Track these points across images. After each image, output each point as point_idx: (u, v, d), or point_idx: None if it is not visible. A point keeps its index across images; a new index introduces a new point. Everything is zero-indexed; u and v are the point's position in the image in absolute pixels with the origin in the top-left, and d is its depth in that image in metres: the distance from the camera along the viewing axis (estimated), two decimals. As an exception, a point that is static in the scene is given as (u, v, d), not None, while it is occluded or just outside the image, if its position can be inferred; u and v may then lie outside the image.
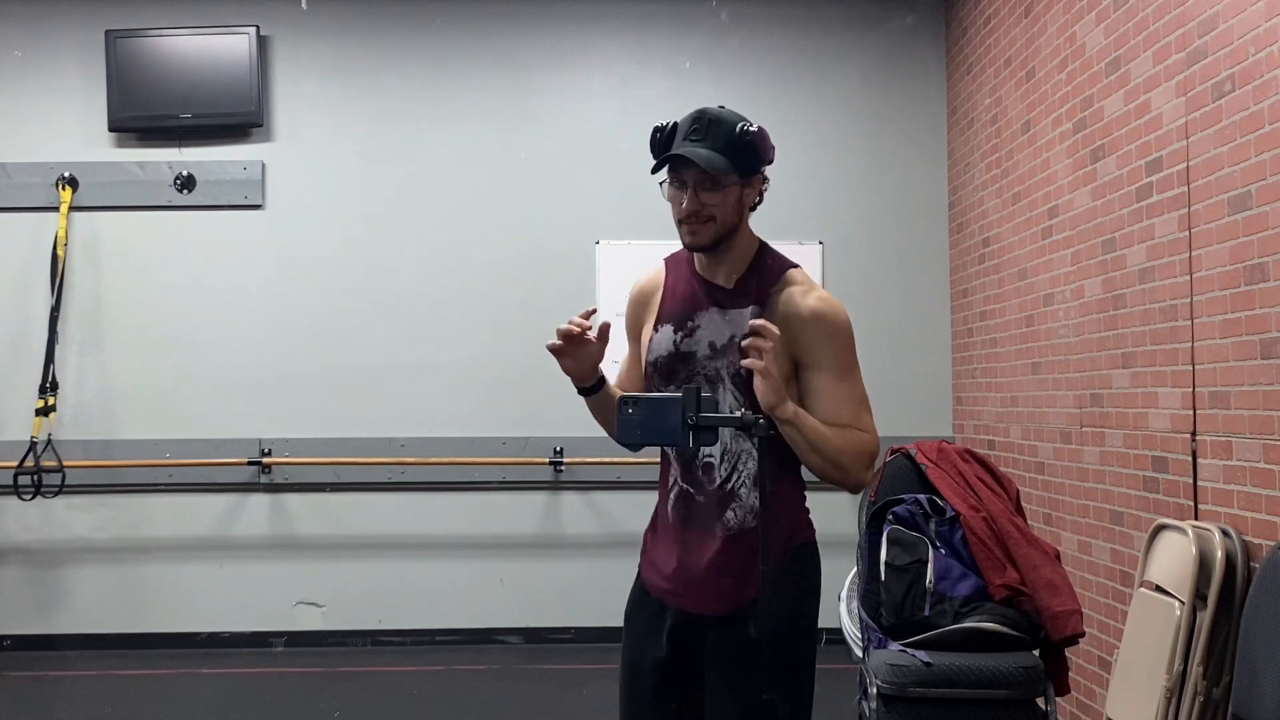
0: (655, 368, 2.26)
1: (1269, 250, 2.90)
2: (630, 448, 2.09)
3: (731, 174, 2.18)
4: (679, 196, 2.18)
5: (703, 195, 2.17)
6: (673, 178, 2.19)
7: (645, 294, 2.35)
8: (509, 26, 5.81)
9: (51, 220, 5.65)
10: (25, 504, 5.45)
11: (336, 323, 5.71)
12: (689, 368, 2.22)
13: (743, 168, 2.20)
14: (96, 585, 5.65)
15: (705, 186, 2.17)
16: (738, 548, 2.21)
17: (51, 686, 5.15)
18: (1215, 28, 3.17)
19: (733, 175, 2.18)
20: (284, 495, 5.70)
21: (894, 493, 3.64)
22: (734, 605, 2.21)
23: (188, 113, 5.64)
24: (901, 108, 5.83)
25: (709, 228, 2.19)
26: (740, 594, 2.20)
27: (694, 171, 2.16)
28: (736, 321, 2.20)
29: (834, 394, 2.19)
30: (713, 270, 2.27)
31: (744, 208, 2.25)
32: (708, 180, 2.16)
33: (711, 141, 2.15)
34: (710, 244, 2.21)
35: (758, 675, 2.12)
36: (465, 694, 4.97)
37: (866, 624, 3.46)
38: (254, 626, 5.65)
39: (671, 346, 2.25)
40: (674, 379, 2.22)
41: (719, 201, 2.19)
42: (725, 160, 2.15)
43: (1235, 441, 3.05)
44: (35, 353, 5.52)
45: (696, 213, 2.17)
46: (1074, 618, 3.26)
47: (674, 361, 2.24)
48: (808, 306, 2.22)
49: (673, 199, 2.20)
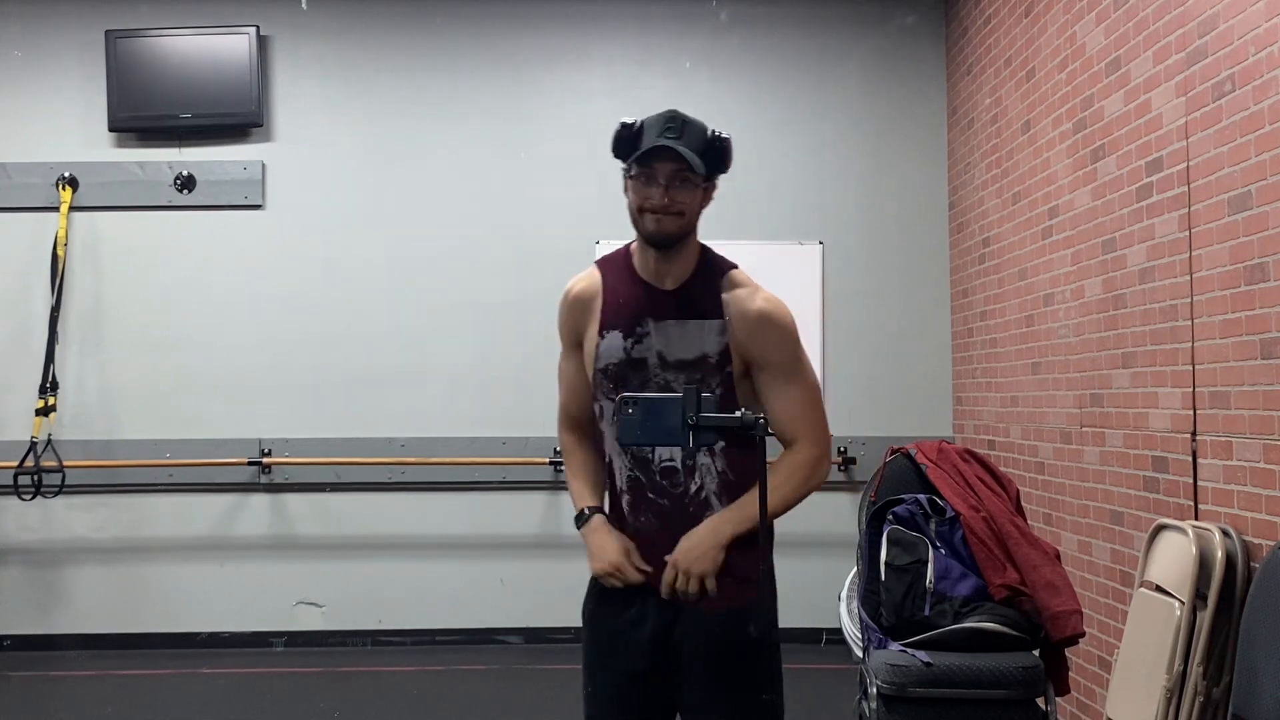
0: (606, 374, 2.26)
1: (1269, 250, 2.90)
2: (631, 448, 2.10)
3: (702, 175, 2.21)
4: (648, 190, 2.19)
5: (674, 191, 2.18)
6: (643, 171, 2.19)
7: (584, 298, 2.33)
8: (509, 26, 5.81)
9: (51, 220, 5.65)
10: (25, 504, 5.44)
11: (336, 323, 5.71)
12: (641, 375, 2.24)
13: (710, 171, 2.23)
14: (96, 585, 5.65)
15: (678, 183, 2.19)
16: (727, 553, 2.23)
17: (51, 686, 5.15)
18: (1215, 28, 3.17)
19: (701, 175, 2.21)
20: (284, 495, 5.70)
21: (894, 493, 3.64)
22: (724, 604, 2.22)
23: (188, 113, 5.64)
24: (901, 108, 5.83)
25: (676, 222, 2.20)
26: (736, 594, 2.21)
27: (670, 167, 2.17)
28: (693, 335, 2.23)
29: (784, 395, 2.27)
30: (658, 273, 2.27)
31: (702, 209, 2.27)
32: (681, 177, 2.18)
33: (687, 141, 2.18)
34: (675, 238, 2.22)
35: (748, 675, 2.14)
36: (465, 694, 4.97)
37: (866, 624, 3.46)
38: (254, 626, 5.65)
39: (623, 354, 2.25)
40: (626, 386, 2.23)
41: (688, 199, 2.21)
42: (700, 160, 2.18)
43: (1235, 441, 3.05)
44: (35, 353, 5.52)
45: (667, 206, 2.19)
46: (1074, 618, 3.26)
47: (626, 369, 2.25)
48: (755, 308, 2.26)
49: (639, 191, 2.20)
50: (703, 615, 2.21)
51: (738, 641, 2.20)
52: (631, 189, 2.22)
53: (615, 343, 2.26)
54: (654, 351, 2.24)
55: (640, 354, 2.24)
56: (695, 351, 2.22)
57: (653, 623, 2.24)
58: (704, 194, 2.25)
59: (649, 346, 2.24)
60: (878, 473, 3.77)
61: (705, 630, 2.22)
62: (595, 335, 2.28)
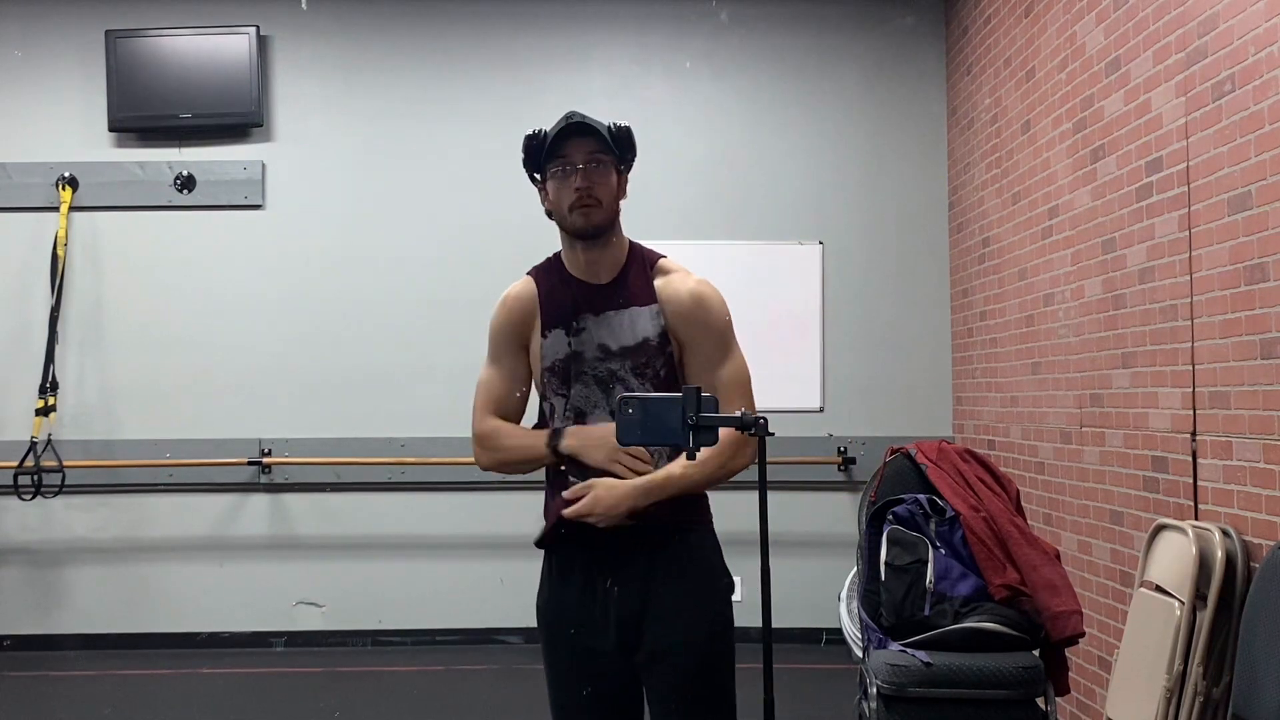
0: (553, 372, 2.31)
1: (1269, 250, 2.90)
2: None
3: (613, 154, 2.27)
4: (567, 182, 2.25)
5: (591, 173, 2.24)
6: (558, 166, 2.26)
7: (524, 300, 2.37)
8: (509, 26, 5.81)
9: (51, 220, 5.65)
10: (25, 504, 5.44)
11: (337, 322, 5.71)
12: (579, 367, 2.28)
13: (620, 154, 2.30)
14: (96, 585, 5.65)
15: (594, 165, 2.25)
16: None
17: (51, 686, 5.15)
18: (1215, 28, 3.17)
19: (613, 157, 2.28)
20: (284, 495, 5.70)
21: (894, 493, 3.64)
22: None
23: (188, 113, 5.64)
24: (901, 108, 5.83)
25: (599, 210, 2.26)
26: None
27: (584, 150, 2.24)
28: (630, 322, 2.28)
29: (713, 375, 2.28)
30: (590, 269, 2.32)
31: (619, 199, 2.32)
32: (596, 160, 2.25)
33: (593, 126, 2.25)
34: (601, 226, 2.27)
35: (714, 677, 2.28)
36: (465, 694, 4.98)
37: (866, 624, 3.46)
38: (254, 626, 5.65)
39: (566, 349, 2.29)
40: (569, 381, 2.28)
41: (605, 182, 2.26)
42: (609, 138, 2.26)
43: (1235, 441, 3.05)
44: (35, 353, 5.52)
45: (589, 189, 2.24)
46: (1074, 618, 3.26)
47: (569, 363, 2.29)
48: (688, 289, 2.31)
49: (560, 187, 2.26)
50: (667, 614, 2.25)
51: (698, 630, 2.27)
52: (551, 190, 2.28)
53: (559, 340, 2.31)
54: (595, 344, 2.29)
55: (581, 347, 2.29)
56: (636, 338, 2.27)
57: (614, 629, 2.26)
58: (619, 182, 2.31)
59: (590, 339, 2.29)
60: (878, 473, 3.77)
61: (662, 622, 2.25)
62: (539, 336, 2.33)
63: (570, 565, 2.30)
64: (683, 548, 2.29)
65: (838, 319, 5.74)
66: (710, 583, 2.31)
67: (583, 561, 2.28)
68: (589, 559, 2.27)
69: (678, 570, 2.27)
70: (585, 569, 2.28)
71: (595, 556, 2.26)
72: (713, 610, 2.30)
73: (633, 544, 2.24)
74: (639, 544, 2.24)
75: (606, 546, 2.24)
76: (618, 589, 2.25)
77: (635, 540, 2.24)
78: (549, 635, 2.34)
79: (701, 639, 2.27)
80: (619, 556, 2.25)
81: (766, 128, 5.75)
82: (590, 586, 2.27)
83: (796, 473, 5.59)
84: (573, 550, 2.29)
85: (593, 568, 2.27)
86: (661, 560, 2.26)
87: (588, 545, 2.25)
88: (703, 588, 2.29)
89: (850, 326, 5.74)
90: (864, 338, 5.76)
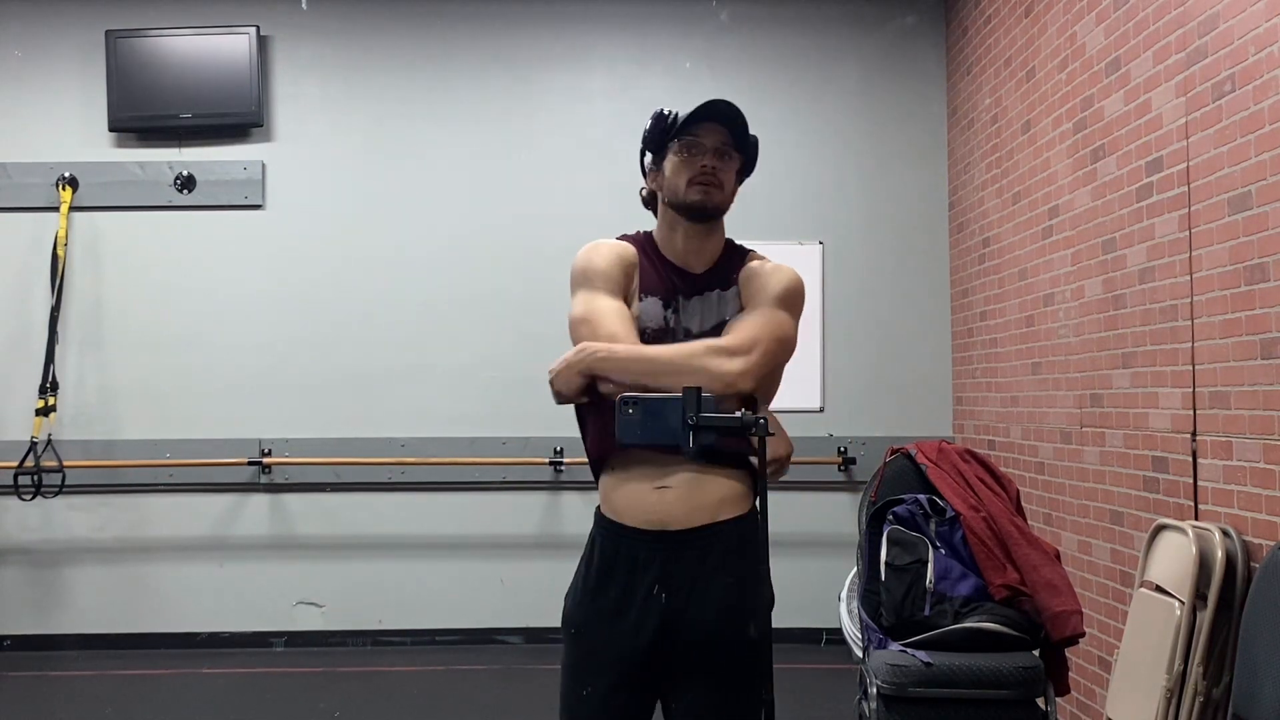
0: (644, 336, 2.23)
1: (1269, 250, 2.90)
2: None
3: (742, 155, 2.26)
4: (693, 159, 2.20)
5: (719, 160, 2.21)
6: (688, 144, 2.21)
7: (627, 258, 2.28)
8: (509, 26, 5.81)
9: (51, 220, 5.65)
10: (25, 504, 5.44)
11: (336, 323, 5.71)
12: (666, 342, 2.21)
13: (746, 159, 2.29)
14: (96, 585, 5.65)
15: (723, 153, 2.22)
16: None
17: (51, 686, 5.15)
18: (1215, 28, 3.17)
19: (742, 157, 2.26)
20: (284, 495, 5.70)
21: (894, 493, 3.64)
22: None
23: (188, 113, 5.64)
24: (901, 108, 5.84)
25: (719, 194, 2.22)
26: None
27: (717, 137, 2.21)
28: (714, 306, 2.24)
29: (742, 317, 2.20)
30: (686, 255, 2.27)
31: (732, 199, 2.29)
32: (725, 151, 2.22)
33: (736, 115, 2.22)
34: (718, 208, 2.24)
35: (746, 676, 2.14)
36: (465, 694, 4.97)
37: (866, 624, 3.46)
38: (254, 626, 5.65)
39: (661, 321, 2.24)
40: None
41: (730, 171, 2.24)
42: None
43: (1235, 441, 3.05)
44: (35, 353, 5.52)
45: (716, 170, 2.20)
46: (1074, 618, 3.26)
47: (662, 335, 2.23)
48: (773, 266, 2.30)
49: (684, 163, 2.21)
50: (701, 615, 2.15)
51: (736, 641, 2.15)
52: (673, 165, 2.22)
53: (655, 309, 2.24)
54: (682, 328, 2.24)
55: (674, 324, 2.24)
56: (716, 319, 2.23)
57: (650, 628, 2.16)
58: (737, 181, 2.28)
59: (681, 320, 2.24)
60: (878, 473, 3.77)
61: (703, 630, 2.15)
62: (635, 297, 2.25)
63: (613, 562, 2.19)
64: (729, 554, 2.17)
65: (838, 319, 5.74)
66: (753, 598, 2.16)
67: (626, 559, 2.18)
68: (633, 556, 2.17)
69: (724, 579, 2.15)
70: (629, 568, 2.17)
71: (641, 555, 2.16)
72: (757, 628, 2.14)
73: (680, 545, 2.15)
74: (687, 546, 2.15)
75: (653, 545, 2.15)
76: (664, 595, 2.14)
77: (683, 543, 2.15)
78: (574, 631, 2.24)
79: (740, 660, 2.15)
80: (666, 559, 2.15)
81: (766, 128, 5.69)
82: (631, 588, 2.17)
83: (796, 473, 5.52)
84: (618, 545, 2.19)
85: (638, 568, 2.16)
86: (710, 567, 2.15)
87: (630, 540, 2.17)
88: (745, 604, 2.16)
89: (850, 327, 5.74)
90: (864, 338, 5.77)
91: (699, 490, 2.16)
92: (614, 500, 2.22)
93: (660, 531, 2.16)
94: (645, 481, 2.16)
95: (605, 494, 2.25)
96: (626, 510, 2.19)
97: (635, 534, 2.18)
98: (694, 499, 2.16)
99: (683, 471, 2.14)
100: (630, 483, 2.18)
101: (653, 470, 2.15)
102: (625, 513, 2.19)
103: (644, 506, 2.17)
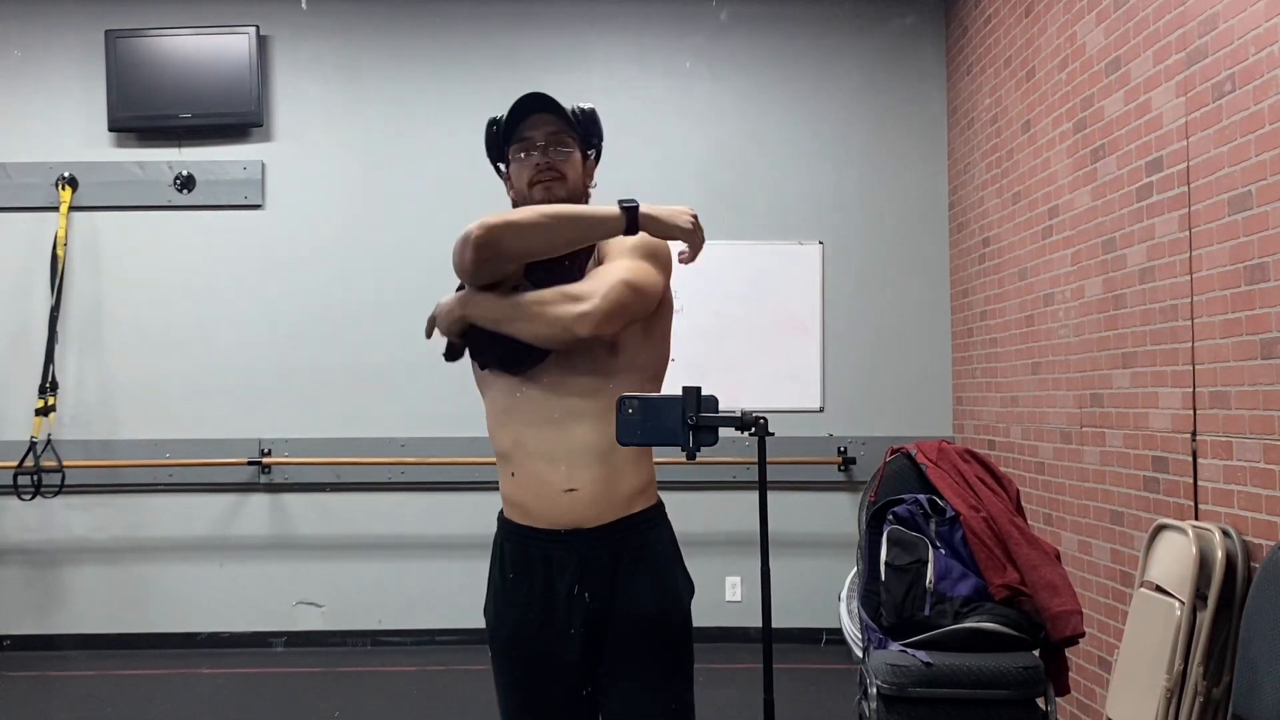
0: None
1: (1269, 250, 2.90)
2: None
3: (576, 135, 2.21)
4: (528, 161, 2.18)
5: (553, 154, 2.18)
6: (519, 147, 2.20)
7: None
8: (509, 26, 5.81)
9: (51, 220, 5.65)
10: (25, 504, 5.45)
11: (336, 322, 5.71)
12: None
13: (585, 135, 2.24)
14: (96, 585, 5.65)
15: (555, 143, 2.19)
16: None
17: (51, 686, 5.15)
18: (1215, 28, 3.17)
19: (577, 137, 2.22)
20: (284, 495, 5.70)
21: (894, 493, 3.64)
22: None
23: (188, 113, 5.64)
24: (901, 108, 5.83)
25: (562, 185, 2.18)
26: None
27: (545, 129, 2.19)
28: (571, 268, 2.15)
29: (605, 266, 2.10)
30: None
31: (587, 183, 2.25)
32: (558, 140, 2.19)
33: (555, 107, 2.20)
34: (567, 201, 2.17)
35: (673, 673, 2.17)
36: (465, 694, 4.97)
37: (867, 624, 3.46)
38: (254, 626, 5.65)
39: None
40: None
41: (569, 160, 2.20)
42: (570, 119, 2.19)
43: (1235, 441, 3.05)
44: (35, 353, 5.52)
45: (551, 165, 2.17)
46: (1074, 618, 3.26)
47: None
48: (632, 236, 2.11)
49: (521, 168, 2.19)
50: (626, 611, 2.12)
51: (663, 632, 2.14)
52: (514, 173, 2.21)
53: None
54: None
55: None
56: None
57: (578, 626, 2.12)
58: (584, 164, 2.23)
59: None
60: (878, 473, 3.77)
61: (629, 625, 2.12)
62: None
63: (527, 566, 2.15)
64: (645, 545, 2.15)
65: (838, 319, 5.74)
66: (675, 585, 2.18)
67: (540, 561, 2.14)
68: (547, 557, 2.13)
69: (646, 569, 2.14)
70: (545, 570, 2.13)
71: (556, 556, 2.12)
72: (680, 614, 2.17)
73: (596, 542, 2.11)
74: (603, 542, 2.12)
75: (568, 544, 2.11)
76: (587, 594, 2.11)
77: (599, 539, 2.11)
78: (503, 644, 2.20)
79: (669, 646, 2.15)
80: (584, 557, 2.11)
81: (766, 127, 5.75)
82: (551, 590, 2.13)
83: (796, 473, 5.59)
84: (528, 547, 2.15)
85: (554, 569, 2.13)
86: (628, 560, 2.13)
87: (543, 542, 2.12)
88: (669, 590, 2.16)
89: (850, 326, 5.74)
90: (864, 338, 5.76)
91: (608, 487, 2.12)
92: (521, 504, 2.17)
93: (573, 530, 2.12)
94: (552, 484, 2.12)
95: (509, 497, 2.21)
96: (538, 513, 2.14)
97: (548, 535, 2.13)
98: (604, 496, 2.12)
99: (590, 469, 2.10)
100: (536, 486, 2.13)
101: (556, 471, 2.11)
102: (535, 516, 2.15)
103: (554, 510, 2.12)
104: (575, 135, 2.21)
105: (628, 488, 2.14)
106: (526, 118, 2.20)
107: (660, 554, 2.18)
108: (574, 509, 2.11)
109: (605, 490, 2.12)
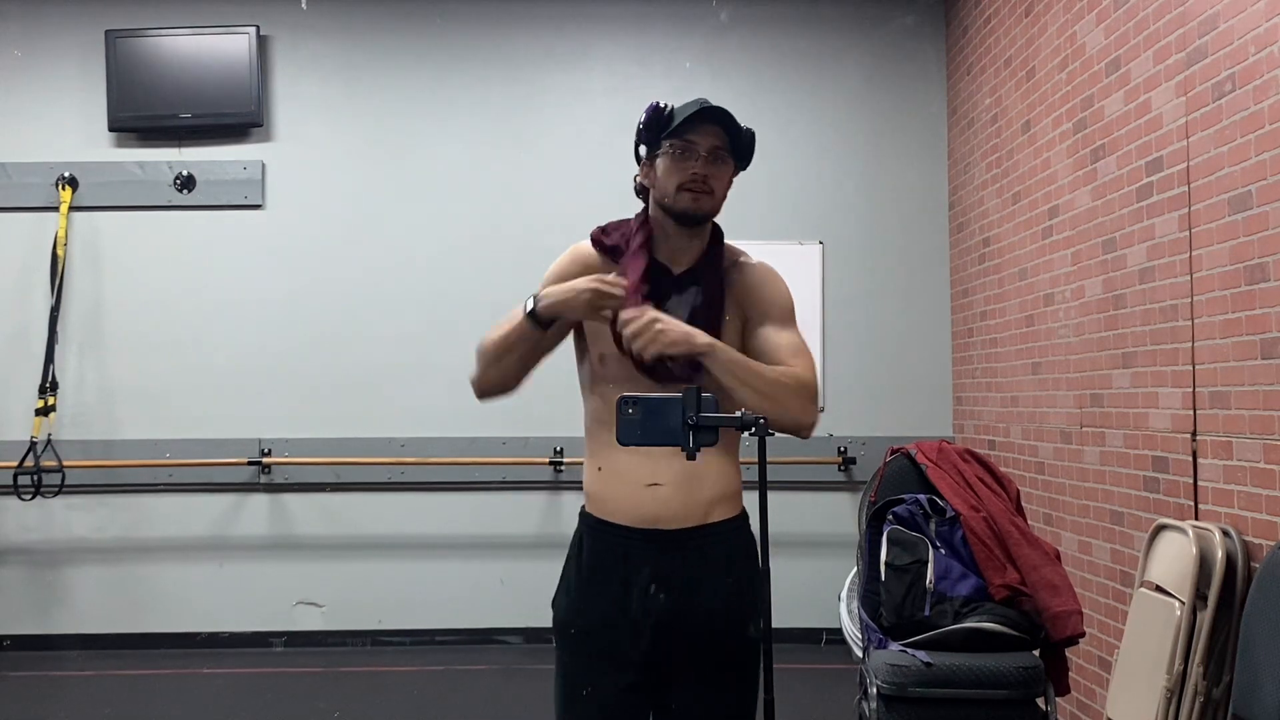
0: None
1: (1269, 250, 2.90)
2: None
3: (734, 155, 2.21)
4: (685, 164, 2.15)
5: (712, 165, 2.17)
6: (681, 145, 2.16)
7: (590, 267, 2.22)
8: (509, 26, 5.81)
9: (51, 220, 5.65)
10: (25, 504, 5.44)
11: (336, 322, 5.71)
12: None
13: (739, 160, 2.24)
14: (96, 585, 5.65)
15: (715, 158, 2.18)
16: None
17: (51, 686, 5.15)
18: (1215, 27, 3.17)
19: (735, 160, 2.22)
20: (284, 495, 5.70)
21: (894, 493, 3.64)
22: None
23: (188, 113, 5.64)
24: (901, 108, 5.83)
25: (710, 201, 2.18)
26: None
27: (709, 140, 2.16)
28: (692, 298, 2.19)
29: (776, 339, 2.19)
30: (671, 254, 2.22)
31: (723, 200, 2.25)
32: (718, 155, 2.17)
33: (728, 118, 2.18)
34: (706, 217, 2.20)
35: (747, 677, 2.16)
36: (465, 694, 4.97)
37: (866, 624, 3.46)
38: (254, 626, 5.65)
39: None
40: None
41: (721, 177, 2.20)
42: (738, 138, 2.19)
43: (1235, 441, 3.05)
44: (35, 353, 5.52)
45: (706, 178, 2.16)
46: (1074, 618, 3.26)
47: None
48: (756, 263, 2.28)
49: (676, 166, 2.16)
50: (700, 615, 2.14)
51: (735, 642, 2.15)
52: (664, 167, 2.17)
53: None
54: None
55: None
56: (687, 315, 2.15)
57: (649, 628, 2.14)
58: (729, 181, 2.24)
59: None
60: (878, 473, 3.77)
61: (702, 631, 2.14)
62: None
63: (605, 560, 2.17)
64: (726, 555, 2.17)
65: (838, 319, 5.74)
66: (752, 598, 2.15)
67: (619, 558, 2.16)
68: (625, 554, 2.15)
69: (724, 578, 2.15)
70: (622, 567, 2.15)
71: (634, 553, 2.14)
72: (754, 616, 2.16)
73: (675, 546, 2.13)
74: (681, 547, 2.14)
75: (646, 544, 2.13)
76: (662, 595, 2.12)
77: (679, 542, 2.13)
78: (572, 635, 2.20)
79: (738, 659, 2.16)
80: (661, 557, 2.13)
81: (766, 128, 5.69)
82: (627, 586, 2.15)
83: (796, 473, 5.59)
84: (608, 542, 2.17)
85: (630, 567, 2.15)
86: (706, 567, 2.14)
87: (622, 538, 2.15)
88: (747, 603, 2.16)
89: (850, 326, 5.74)
90: (864, 338, 5.76)
91: (691, 488, 2.15)
92: (602, 498, 2.20)
93: (653, 530, 2.14)
94: (636, 478, 2.15)
95: (592, 492, 2.23)
96: (617, 509, 2.17)
97: (627, 532, 2.16)
98: (687, 497, 2.14)
99: (674, 466, 2.11)
100: (619, 480, 2.17)
101: (643, 466, 2.13)
102: (616, 511, 2.18)
103: (635, 504, 2.15)
104: (734, 158, 2.21)
105: (710, 492, 2.17)
106: (701, 123, 2.16)
107: (740, 567, 2.18)
108: (654, 505, 2.14)
109: (688, 490, 2.14)
